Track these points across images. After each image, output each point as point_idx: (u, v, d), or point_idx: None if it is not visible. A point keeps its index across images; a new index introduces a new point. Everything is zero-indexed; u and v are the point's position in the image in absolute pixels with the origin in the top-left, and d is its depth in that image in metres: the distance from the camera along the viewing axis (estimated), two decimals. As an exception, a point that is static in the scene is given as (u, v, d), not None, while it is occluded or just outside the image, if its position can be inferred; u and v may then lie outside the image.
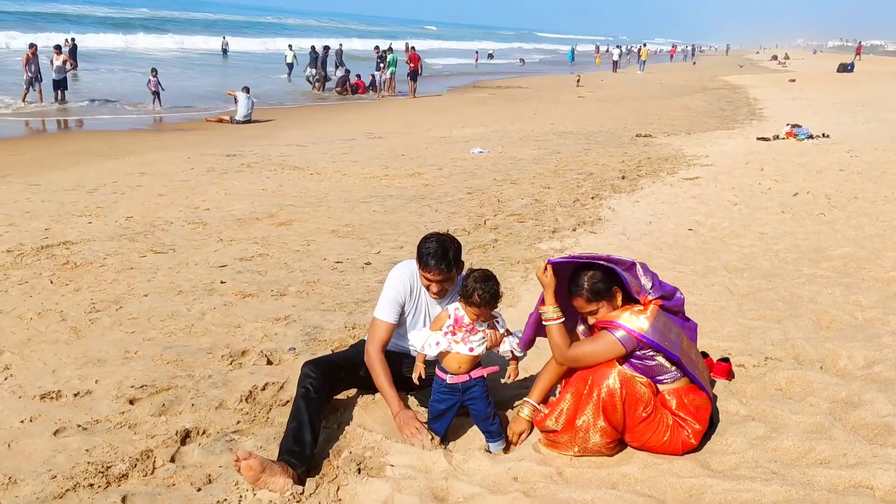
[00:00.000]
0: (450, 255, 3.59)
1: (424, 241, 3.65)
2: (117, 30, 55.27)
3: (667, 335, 3.20)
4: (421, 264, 3.64)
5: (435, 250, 3.57)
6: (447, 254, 3.58)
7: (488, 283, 3.40)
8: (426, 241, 3.64)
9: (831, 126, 16.52)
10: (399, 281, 3.83)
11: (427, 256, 3.59)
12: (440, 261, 3.56)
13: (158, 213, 8.64)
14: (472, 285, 3.39)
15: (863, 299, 5.30)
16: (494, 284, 3.41)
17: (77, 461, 3.46)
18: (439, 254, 3.56)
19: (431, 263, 3.57)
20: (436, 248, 3.58)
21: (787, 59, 70.62)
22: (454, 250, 3.62)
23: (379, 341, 3.77)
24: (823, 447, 3.16)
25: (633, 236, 7.39)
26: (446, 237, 3.67)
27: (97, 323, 5.27)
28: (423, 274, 3.66)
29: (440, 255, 3.56)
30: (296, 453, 3.31)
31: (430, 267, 3.58)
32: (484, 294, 3.38)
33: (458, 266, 3.68)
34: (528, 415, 3.53)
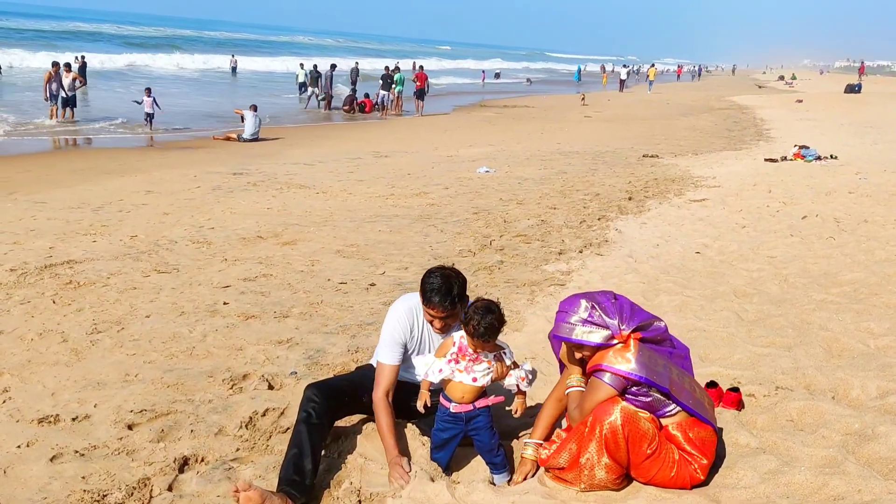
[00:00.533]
0: (454, 291, 3.48)
1: (428, 276, 3.53)
2: (129, 48, 55.67)
3: (653, 369, 3.12)
4: (425, 300, 3.53)
5: (439, 286, 3.47)
6: (451, 290, 3.47)
7: (487, 317, 3.28)
8: (430, 275, 3.53)
9: (839, 147, 16.45)
10: (398, 322, 3.69)
11: (431, 293, 3.48)
12: (444, 297, 3.46)
13: (163, 231, 8.62)
14: (472, 315, 3.31)
15: (874, 326, 5.20)
16: (494, 319, 3.29)
17: (73, 489, 3.40)
18: (444, 290, 3.46)
19: (435, 300, 3.46)
20: (440, 285, 3.47)
21: (794, 79, 70.63)
22: (458, 286, 3.51)
23: (385, 387, 3.63)
24: (837, 482, 3.07)
25: (641, 259, 7.32)
26: (451, 272, 3.56)
27: (98, 344, 5.22)
28: (427, 310, 3.55)
29: (444, 292, 3.46)
30: (296, 483, 3.23)
31: (433, 304, 3.47)
32: (479, 326, 3.28)
33: (462, 302, 3.55)
34: (533, 454, 3.45)
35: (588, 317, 3.18)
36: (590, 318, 3.18)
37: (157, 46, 63.04)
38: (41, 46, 47.82)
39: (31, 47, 46.88)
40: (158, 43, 68.11)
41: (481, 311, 3.29)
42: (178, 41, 73.68)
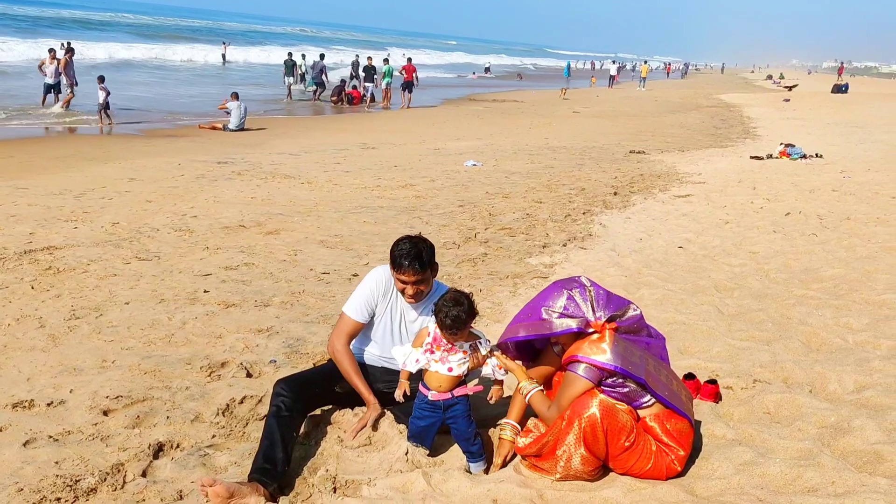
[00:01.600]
0: (423, 255, 3.57)
1: (397, 244, 3.61)
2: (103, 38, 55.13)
3: (629, 359, 3.12)
4: (394, 266, 3.59)
5: (408, 251, 3.55)
6: (420, 254, 3.56)
7: (454, 309, 3.29)
8: (398, 243, 3.61)
9: (825, 146, 16.54)
10: (374, 283, 3.79)
11: (400, 257, 3.56)
12: (413, 260, 3.53)
13: (145, 219, 8.55)
14: (441, 306, 3.33)
15: (853, 322, 5.23)
16: (461, 311, 3.29)
17: (45, 474, 3.36)
18: (412, 254, 3.54)
19: (405, 264, 3.54)
20: (409, 249, 3.56)
21: (781, 78, 71.00)
22: (427, 251, 3.60)
23: (345, 336, 3.76)
24: (811, 474, 3.08)
25: (623, 252, 7.32)
26: (418, 239, 3.64)
27: (76, 330, 5.18)
28: (398, 276, 3.62)
29: (413, 255, 3.54)
30: (266, 471, 3.21)
31: (403, 267, 3.55)
32: (446, 318, 3.30)
33: (432, 267, 3.65)
34: (511, 435, 3.44)
35: (564, 310, 3.18)
36: (565, 310, 3.18)
37: (146, 37, 62.54)
38: (29, 35, 47.30)
39: (23, 35, 46.42)
40: (144, 32, 67.60)
41: (449, 303, 3.31)
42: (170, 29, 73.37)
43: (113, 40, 50.67)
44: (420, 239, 3.64)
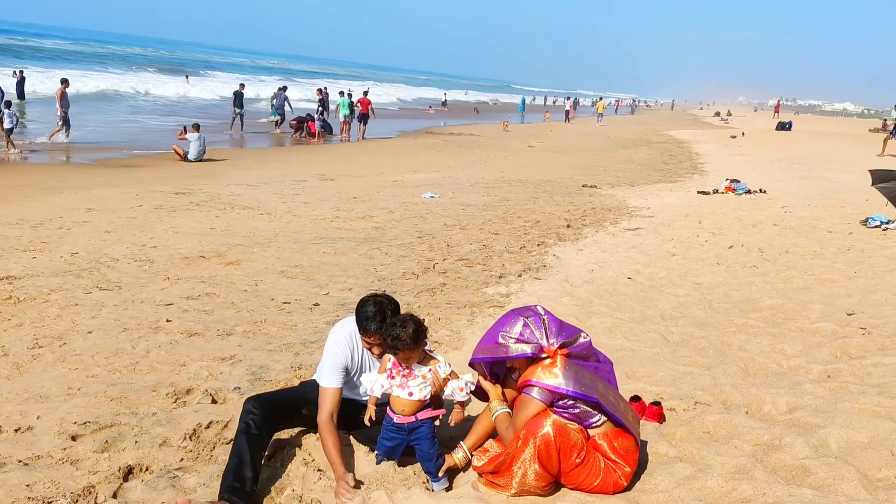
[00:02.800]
0: (388, 318, 3.63)
1: (362, 305, 3.69)
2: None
3: (580, 381, 3.37)
4: (361, 330, 3.69)
5: (374, 314, 3.62)
6: (385, 317, 3.62)
7: (396, 329, 3.51)
8: (364, 304, 3.69)
9: (769, 182, 17.22)
10: (338, 347, 3.82)
11: (367, 322, 3.64)
12: (380, 325, 3.61)
13: (105, 249, 8.58)
14: (387, 326, 3.55)
15: (788, 348, 5.58)
16: (404, 332, 3.49)
17: (17, 496, 3.45)
18: (379, 318, 3.62)
19: (372, 328, 3.62)
20: (374, 313, 3.63)
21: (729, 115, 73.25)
22: (392, 311, 3.67)
23: (329, 410, 3.73)
24: (745, 487, 3.35)
25: (576, 283, 7.62)
26: (384, 298, 3.72)
27: (40, 359, 5.24)
28: (365, 339, 3.71)
29: (380, 320, 3.62)
30: (236, 489, 3.36)
31: (370, 332, 3.64)
32: (387, 338, 3.52)
33: None
34: (460, 460, 3.68)
35: (520, 336, 3.42)
36: (521, 336, 3.42)
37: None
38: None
39: None
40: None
41: (391, 325, 3.52)
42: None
43: (64, 68, 50.06)
44: (385, 299, 3.72)
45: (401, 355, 3.56)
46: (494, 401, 3.65)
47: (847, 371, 4.97)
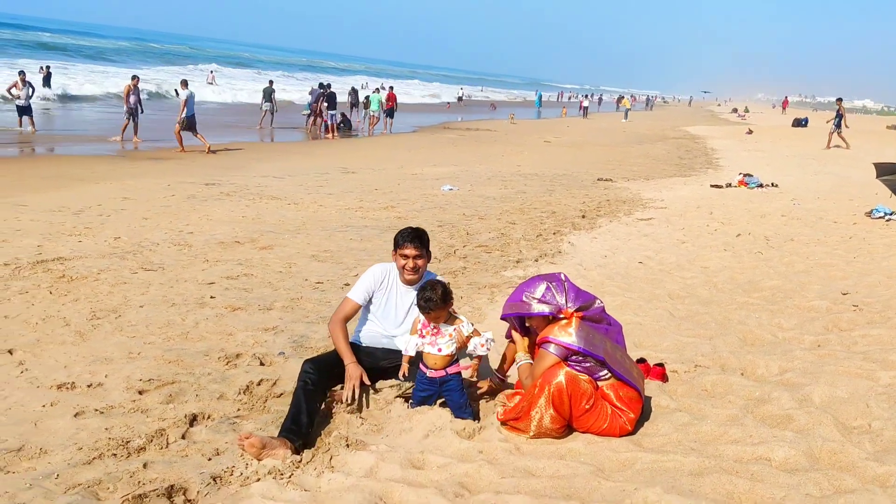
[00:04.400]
0: (423, 236, 4.48)
1: (401, 231, 4.53)
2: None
3: (591, 341, 3.88)
4: (398, 245, 4.46)
5: (410, 232, 4.47)
6: (420, 235, 4.48)
7: (425, 292, 4.13)
8: (402, 230, 4.54)
9: (781, 177, 17.55)
10: (373, 275, 4.63)
11: (403, 237, 4.45)
12: (415, 238, 4.43)
13: (145, 234, 9.13)
14: (418, 290, 4.21)
15: (784, 322, 6.04)
16: (430, 293, 4.10)
17: (99, 437, 3.97)
18: (413, 234, 4.45)
19: (408, 240, 4.41)
20: (410, 231, 4.48)
21: (746, 111, 73.23)
22: (425, 235, 4.53)
23: (343, 314, 4.56)
24: (735, 431, 3.82)
25: (589, 267, 8.08)
26: (418, 227, 4.56)
27: (99, 328, 5.76)
28: (401, 252, 4.47)
29: (414, 235, 4.45)
30: (293, 430, 3.88)
31: (406, 243, 4.42)
32: (419, 300, 4.15)
33: (428, 249, 4.53)
34: (497, 383, 4.41)
35: (542, 297, 3.92)
36: (543, 297, 3.92)
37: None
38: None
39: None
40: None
41: (422, 289, 4.16)
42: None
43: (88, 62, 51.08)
44: (419, 227, 4.57)
45: (432, 315, 4.10)
46: (520, 351, 4.17)
47: (836, 341, 5.44)
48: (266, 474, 3.55)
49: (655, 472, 3.44)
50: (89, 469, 3.65)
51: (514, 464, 3.59)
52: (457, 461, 3.62)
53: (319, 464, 3.67)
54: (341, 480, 3.49)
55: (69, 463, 3.70)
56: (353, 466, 3.63)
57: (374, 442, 3.91)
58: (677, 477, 3.36)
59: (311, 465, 3.66)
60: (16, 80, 21.77)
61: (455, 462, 3.61)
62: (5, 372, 4.83)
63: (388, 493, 3.36)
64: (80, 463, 3.70)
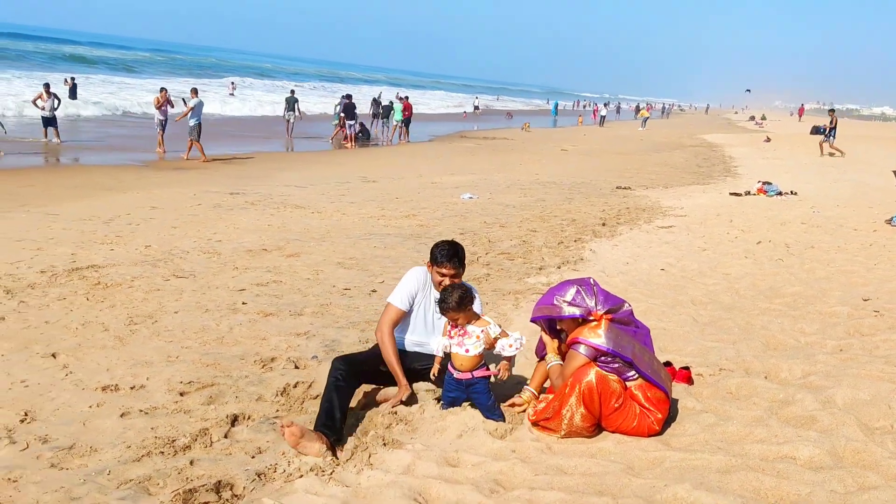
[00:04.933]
0: (459, 254, 4.51)
1: (438, 245, 4.54)
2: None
3: (619, 342, 4.01)
4: (436, 262, 4.50)
5: (448, 249, 4.47)
6: (458, 252, 4.50)
7: (443, 293, 4.28)
8: (439, 244, 4.54)
9: (800, 184, 17.58)
10: (415, 279, 4.68)
11: (441, 255, 4.46)
12: (453, 257, 4.46)
13: (174, 242, 9.34)
14: (440, 292, 4.33)
15: (806, 327, 6.14)
16: (447, 295, 4.24)
17: (145, 436, 4.15)
18: (451, 252, 4.47)
19: (445, 258, 4.45)
20: (448, 249, 4.48)
21: (763, 119, 73.02)
22: (461, 251, 4.55)
23: (390, 322, 4.59)
24: (760, 431, 3.94)
25: (612, 274, 8.21)
26: (455, 242, 4.58)
27: (137, 333, 5.96)
28: (438, 270, 4.52)
29: (452, 253, 4.47)
30: (328, 426, 4.04)
31: (443, 262, 4.46)
32: (439, 303, 4.29)
33: (464, 264, 4.59)
34: (528, 398, 4.38)
35: (572, 300, 4.06)
36: (573, 301, 4.06)
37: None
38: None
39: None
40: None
41: (443, 289, 4.32)
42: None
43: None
44: (456, 242, 4.60)
45: (449, 315, 4.27)
46: (550, 353, 4.30)
47: (858, 346, 5.54)
48: (308, 471, 3.71)
49: (684, 470, 3.56)
50: (139, 466, 3.82)
51: (546, 462, 3.73)
52: (491, 459, 3.76)
53: (359, 461, 3.82)
54: (380, 477, 3.64)
55: (119, 460, 3.87)
56: (391, 464, 3.78)
57: (409, 441, 4.05)
58: (705, 474, 3.48)
59: (351, 463, 3.82)
60: (40, 92, 22.15)
61: (489, 460, 3.75)
62: (51, 374, 5.03)
63: (426, 490, 3.50)
64: (130, 460, 3.87)
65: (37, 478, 3.67)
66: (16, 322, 6.06)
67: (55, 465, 3.81)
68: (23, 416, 4.36)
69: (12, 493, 3.54)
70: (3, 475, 3.68)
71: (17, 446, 4.00)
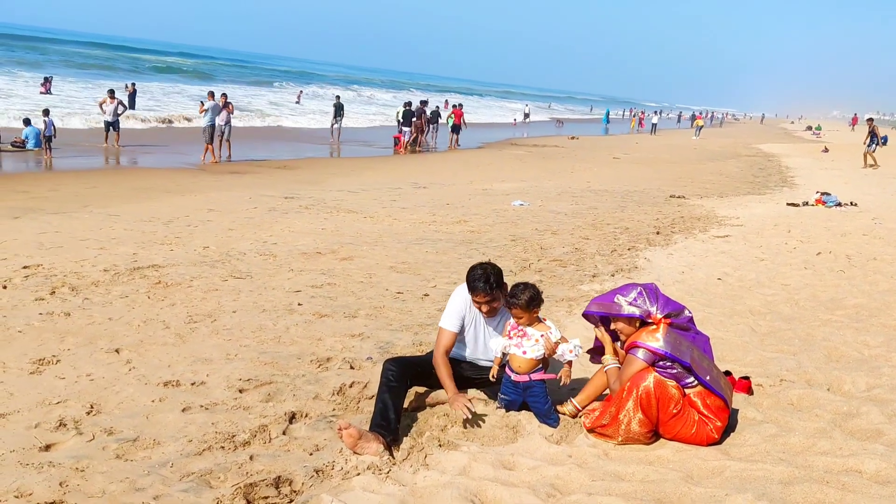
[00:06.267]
0: (491, 279, 4.37)
1: (471, 272, 4.45)
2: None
3: (678, 347, 3.97)
4: (471, 290, 4.46)
5: (479, 276, 4.38)
6: (489, 279, 4.37)
7: (514, 288, 4.30)
8: (472, 270, 4.45)
9: (860, 195, 17.13)
10: (461, 299, 4.62)
11: (475, 282, 4.40)
12: (485, 284, 4.36)
13: (231, 244, 9.52)
14: (511, 289, 4.34)
15: (870, 340, 5.98)
16: (519, 290, 4.26)
17: (206, 431, 4.24)
18: (483, 279, 4.37)
19: (479, 286, 4.38)
20: (479, 275, 4.38)
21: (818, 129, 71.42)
22: (495, 275, 4.40)
23: (444, 347, 4.55)
24: (824, 443, 3.85)
25: (667, 283, 8.10)
26: (488, 265, 4.47)
27: (197, 331, 6.09)
28: (474, 298, 4.48)
29: (484, 280, 4.36)
30: (383, 426, 4.08)
31: (477, 290, 4.40)
32: (510, 297, 4.31)
33: (500, 288, 4.48)
34: (570, 411, 4.38)
35: (633, 301, 4.04)
36: (634, 301, 4.04)
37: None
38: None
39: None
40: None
41: (514, 286, 4.33)
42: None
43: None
44: (489, 265, 4.48)
45: (514, 311, 4.29)
46: (608, 355, 4.27)
47: (926, 359, 5.38)
48: (365, 469, 3.75)
49: (745, 480, 3.51)
50: (200, 459, 3.90)
51: (603, 468, 3.71)
52: (547, 464, 3.76)
53: (415, 461, 3.85)
54: (436, 478, 3.66)
55: (181, 454, 3.96)
56: (446, 465, 3.80)
57: (464, 443, 4.06)
58: (767, 485, 3.42)
59: (407, 463, 3.85)
60: (105, 97, 22.82)
61: (545, 465, 3.74)
62: (115, 369, 5.17)
63: (482, 491, 3.51)
64: (192, 454, 3.96)
65: (103, 468, 3.78)
66: (81, 318, 6.25)
67: (120, 457, 3.92)
68: (89, 409, 4.49)
69: (80, 481, 3.65)
70: (72, 464, 3.79)
71: (83, 437, 4.13)
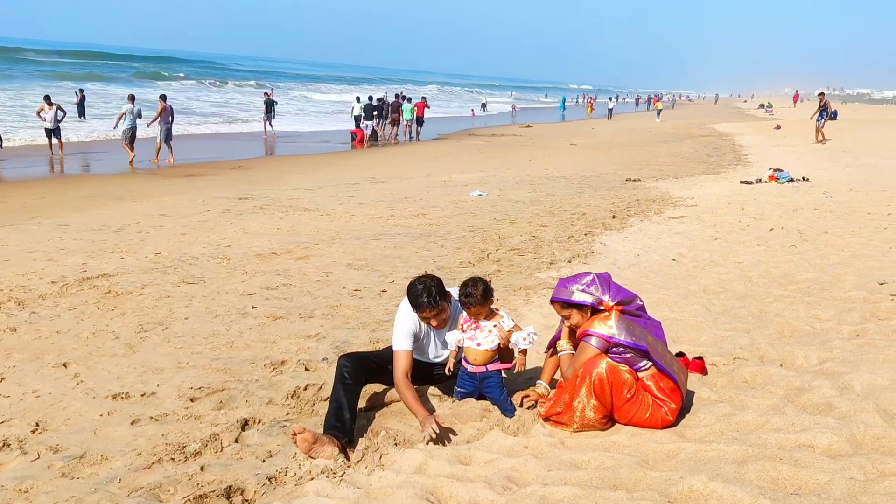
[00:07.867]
0: (434, 292, 4.21)
1: (411, 289, 4.27)
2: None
3: (632, 332, 3.97)
4: (415, 308, 4.28)
5: (420, 292, 4.21)
6: (431, 293, 4.20)
7: (464, 288, 4.22)
8: (412, 287, 4.27)
9: (812, 170, 17.41)
10: (407, 317, 4.39)
11: (417, 299, 4.22)
12: (429, 299, 4.20)
13: (184, 249, 9.35)
14: (461, 286, 4.25)
15: (821, 314, 6.05)
16: (470, 288, 4.18)
17: (156, 443, 4.13)
18: (426, 295, 4.20)
19: (423, 302, 4.21)
20: (421, 290, 4.21)
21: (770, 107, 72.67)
22: (436, 287, 4.24)
23: (402, 370, 4.32)
24: (777, 420, 3.87)
25: (623, 266, 8.14)
26: (426, 278, 4.28)
27: (147, 340, 5.95)
28: (420, 315, 4.32)
29: (426, 296, 4.20)
30: (338, 427, 4.00)
31: (422, 307, 4.24)
32: (461, 296, 4.23)
33: (443, 298, 4.32)
34: (544, 391, 4.34)
35: (585, 287, 4.02)
36: (586, 288, 4.02)
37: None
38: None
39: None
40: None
41: (464, 285, 4.24)
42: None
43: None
44: (427, 278, 4.30)
45: (472, 310, 4.23)
46: (563, 340, 4.24)
47: (875, 330, 5.44)
48: (319, 473, 3.68)
49: (700, 462, 3.51)
50: (149, 473, 3.80)
51: (559, 457, 3.68)
52: (503, 456, 3.72)
53: (370, 462, 3.79)
54: (392, 478, 3.60)
55: (130, 468, 3.85)
56: (402, 464, 3.74)
57: (420, 440, 4.01)
58: (721, 465, 3.42)
59: (362, 464, 3.79)
60: (42, 105, 22.28)
61: (501, 457, 3.71)
62: (62, 384, 5.02)
63: (437, 489, 3.46)
64: (141, 468, 3.85)
65: (48, 487, 3.66)
66: (27, 333, 6.07)
67: (66, 475, 3.80)
68: (34, 427, 4.36)
69: (24, 503, 3.53)
70: (15, 486, 3.67)
71: (28, 457, 4.00)
